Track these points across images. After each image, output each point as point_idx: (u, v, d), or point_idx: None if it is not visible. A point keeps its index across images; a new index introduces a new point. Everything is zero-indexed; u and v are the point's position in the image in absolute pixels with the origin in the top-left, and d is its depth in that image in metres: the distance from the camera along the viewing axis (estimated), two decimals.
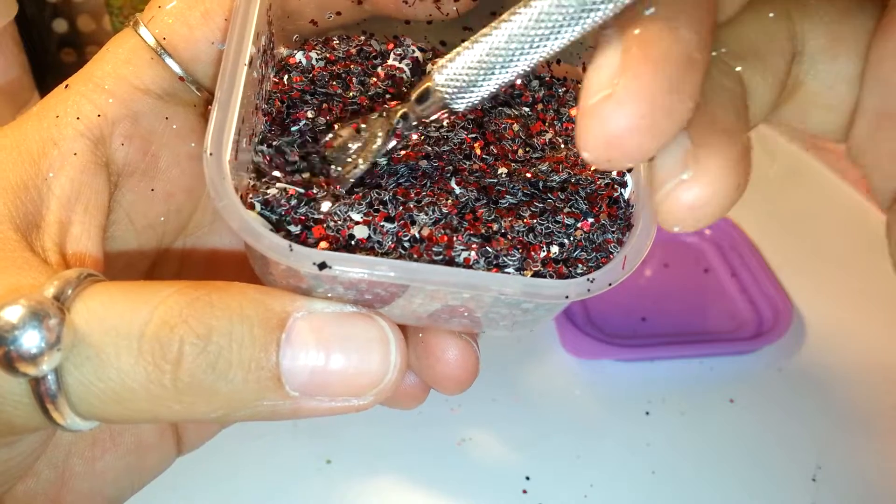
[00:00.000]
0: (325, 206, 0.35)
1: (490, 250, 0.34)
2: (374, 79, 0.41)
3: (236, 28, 0.36)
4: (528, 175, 0.38)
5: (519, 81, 0.43)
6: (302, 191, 0.35)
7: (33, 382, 0.29)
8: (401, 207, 0.35)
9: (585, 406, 0.75)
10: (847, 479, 0.69)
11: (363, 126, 0.37)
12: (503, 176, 0.38)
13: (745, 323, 0.82)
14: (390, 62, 0.38)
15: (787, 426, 0.73)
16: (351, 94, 0.40)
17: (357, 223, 0.34)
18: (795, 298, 0.85)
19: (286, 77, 0.41)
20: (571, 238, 0.36)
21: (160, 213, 0.42)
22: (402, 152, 0.38)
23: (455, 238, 0.34)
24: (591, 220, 0.36)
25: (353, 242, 0.34)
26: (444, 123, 0.40)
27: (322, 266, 0.31)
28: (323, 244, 0.33)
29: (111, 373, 0.30)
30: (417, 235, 0.34)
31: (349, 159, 0.37)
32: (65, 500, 0.40)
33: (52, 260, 0.35)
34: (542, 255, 0.35)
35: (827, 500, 0.67)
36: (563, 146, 0.40)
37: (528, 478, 0.68)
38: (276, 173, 0.36)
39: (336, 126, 0.38)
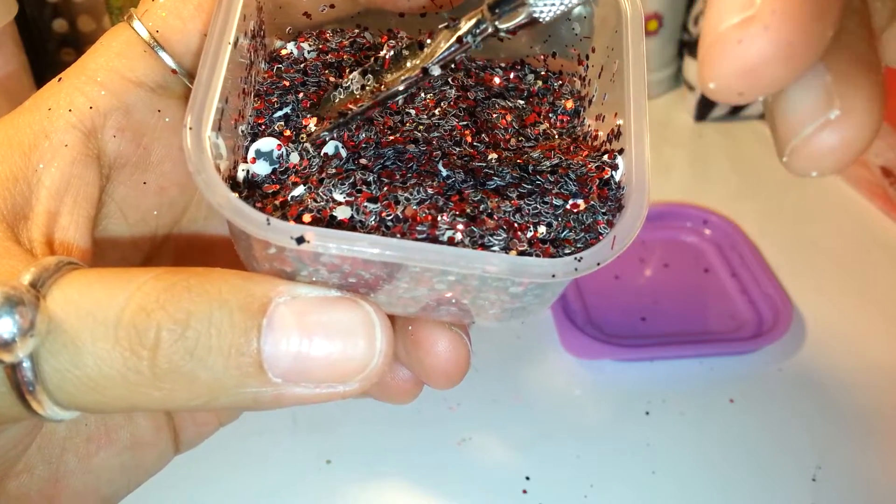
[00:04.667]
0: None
1: (475, 230, 0.33)
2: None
3: (222, 7, 0.36)
4: (519, 161, 0.37)
5: (513, 75, 0.43)
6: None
7: (9, 371, 0.29)
8: (385, 188, 0.34)
9: (585, 406, 0.75)
10: (847, 479, 0.68)
11: (428, 41, 0.35)
12: (493, 161, 0.37)
13: (745, 323, 0.82)
14: (383, 53, 0.38)
15: (787, 426, 0.73)
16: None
17: (339, 204, 0.34)
18: (795, 298, 0.84)
19: (276, 67, 0.41)
20: (560, 219, 0.35)
21: (153, 207, 0.42)
22: (391, 137, 0.38)
23: (439, 217, 0.33)
24: (580, 201, 0.35)
25: (335, 223, 0.33)
26: (436, 112, 0.39)
27: (300, 240, 0.30)
28: (305, 220, 0.33)
29: (87, 360, 0.30)
30: (400, 215, 0.33)
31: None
32: (59, 498, 0.40)
33: (38, 250, 0.34)
34: (529, 235, 0.34)
35: (827, 500, 0.67)
36: (557, 138, 0.40)
37: (528, 478, 0.68)
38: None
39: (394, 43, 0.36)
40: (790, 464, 0.70)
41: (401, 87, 0.36)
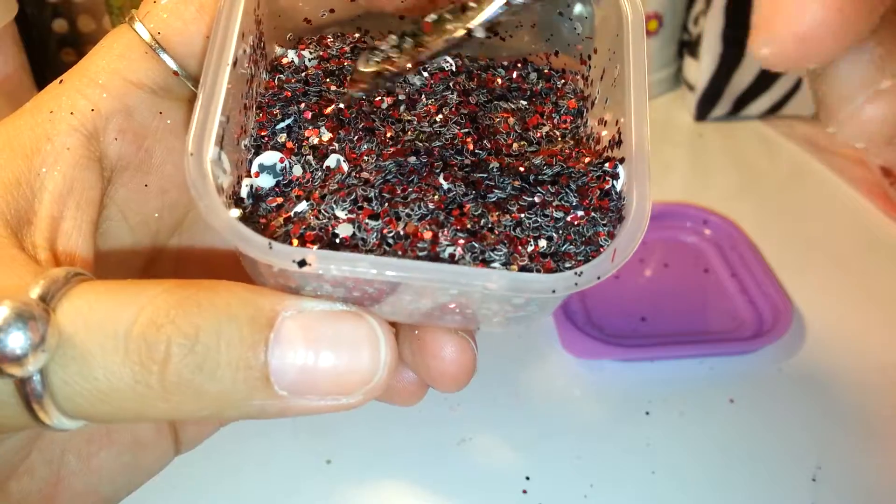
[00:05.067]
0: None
1: (476, 245, 0.34)
2: None
3: (220, 27, 0.36)
4: (521, 169, 0.37)
5: (516, 73, 0.43)
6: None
7: (18, 382, 0.29)
8: (386, 204, 0.35)
9: (585, 406, 0.75)
10: (847, 479, 0.68)
11: (472, 4, 0.35)
12: (494, 170, 0.37)
13: (745, 323, 0.82)
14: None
15: (787, 426, 0.73)
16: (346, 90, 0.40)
17: (341, 221, 0.34)
18: (795, 298, 0.84)
19: (277, 77, 0.41)
20: (560, 232, 0.35)
21: (154, 209, 0.42)
22: (392, 149, 0.38)
23: (440, 233, 0.34)
24: (580, 213, 0.36)
25: (337, 241, 0.34)
26: (437, 119, 0.39)
27: (302, 263, 0.31)
28: (307, 237, 0.33)
29: (97, 372, 0.30)
30: (402, 232, 0.34)
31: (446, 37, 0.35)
32: (60, 498, 0.40)
33: (42, 256, 0.34)
34: (530, 249, 0.34)
35: (827, 500, 0.67)
36: (560, 139, 0.40)
37: (528, 478, 0.68)
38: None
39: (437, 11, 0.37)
40: (790, 464, 0.69)
41: (442, 48, 0.36)
